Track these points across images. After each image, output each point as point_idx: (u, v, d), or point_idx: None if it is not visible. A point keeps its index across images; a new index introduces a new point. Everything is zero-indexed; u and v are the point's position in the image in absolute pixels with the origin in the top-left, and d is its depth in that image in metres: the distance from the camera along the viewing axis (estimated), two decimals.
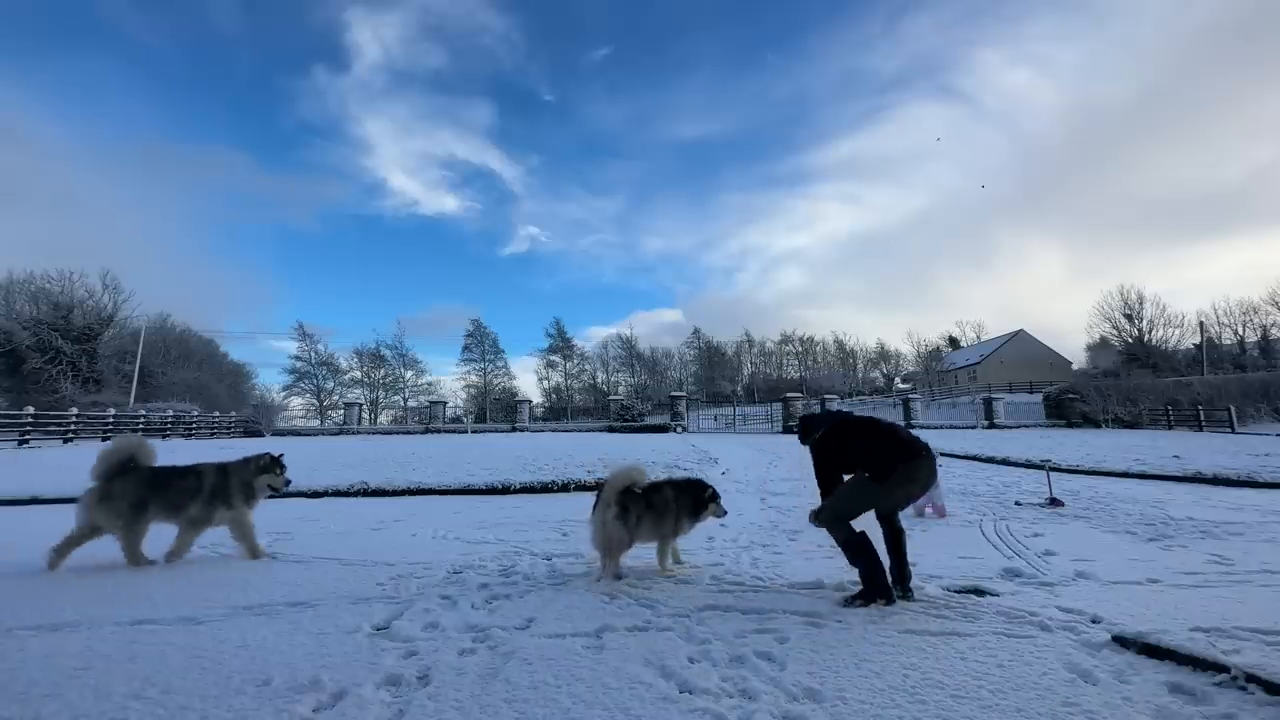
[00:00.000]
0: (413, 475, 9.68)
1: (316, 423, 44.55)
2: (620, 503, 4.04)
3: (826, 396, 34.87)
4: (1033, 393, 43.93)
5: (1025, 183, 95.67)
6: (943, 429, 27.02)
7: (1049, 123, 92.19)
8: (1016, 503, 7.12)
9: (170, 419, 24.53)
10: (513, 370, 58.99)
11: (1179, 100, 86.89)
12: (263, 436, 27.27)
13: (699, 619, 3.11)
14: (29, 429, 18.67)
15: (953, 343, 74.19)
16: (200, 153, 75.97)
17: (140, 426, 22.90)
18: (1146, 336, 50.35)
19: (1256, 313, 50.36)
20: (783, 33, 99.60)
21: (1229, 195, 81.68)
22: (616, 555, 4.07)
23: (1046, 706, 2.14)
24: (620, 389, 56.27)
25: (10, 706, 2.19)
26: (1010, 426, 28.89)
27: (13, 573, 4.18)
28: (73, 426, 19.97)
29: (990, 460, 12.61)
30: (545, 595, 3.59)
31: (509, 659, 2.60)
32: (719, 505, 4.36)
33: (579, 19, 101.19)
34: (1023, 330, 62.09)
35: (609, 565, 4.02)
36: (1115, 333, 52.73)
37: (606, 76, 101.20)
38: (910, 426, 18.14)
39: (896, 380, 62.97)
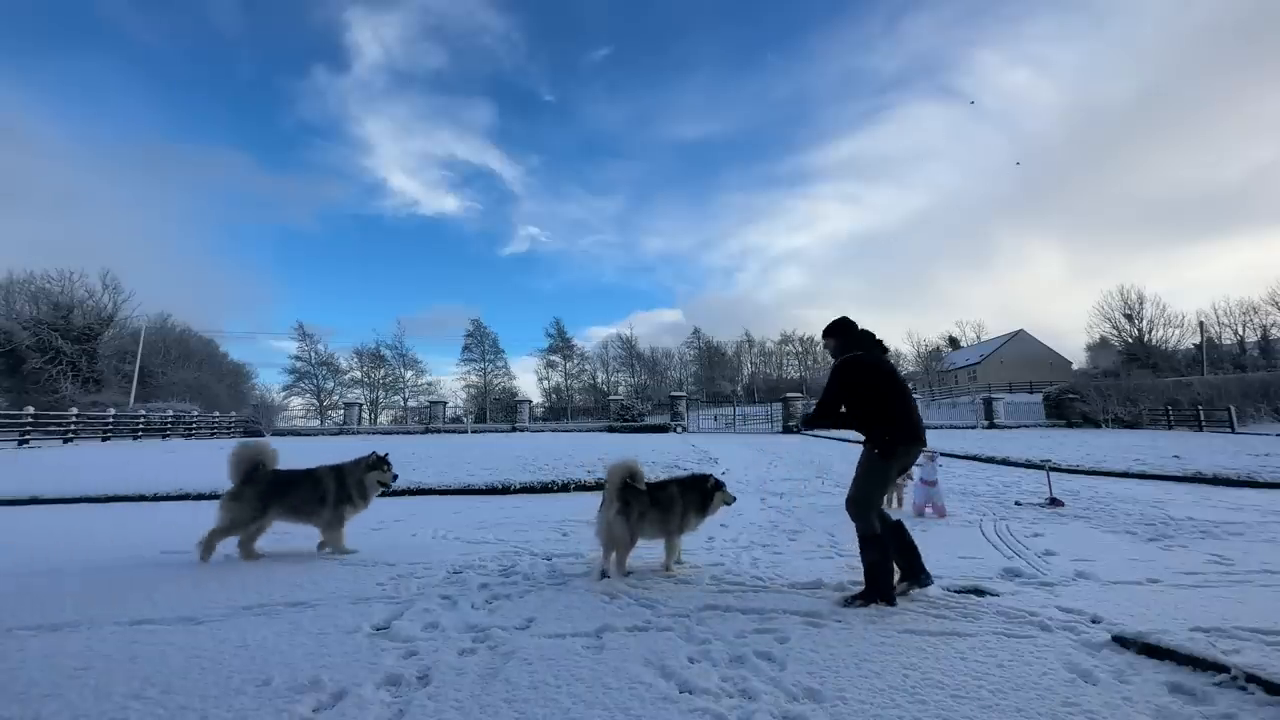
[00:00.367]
0: (413, 475, 9.67)
1: (316, 423, 44.58)
2: (621, 499, 4.07)
3: None
4: (1033, 393, 43.94)
5: (1025, 183, 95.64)
6: (943, 429, 27.01)
7: (1049, 123, 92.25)
8: (1016, 503, 7.12)
9: (170, 419, 24.53)
10: (513, 370, 59.17)
11: (1179, 100, 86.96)
12: (262, 436, 27.28)
13: (699, 619, 3.11)
14: (29, 429, 18.68)
15: (953, 343, 74.20)
16: (200, 153, 76.04)
17: (140, 426, 22.92)
18: (1146, 336, 50.34)
19: (1256, 313, 50.41)
20: (783, 33, 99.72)
21: (1229, 195, 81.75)
22: (620, 552, 4.09)
23: (1046, 706, 2.14)
24: (620, 389, 56.30)
25: (10, 706, 2.19)
26: (1010, 426, 28.89)
27: (13, 572, 4.18)
28: (73, 426, 19.97)
29: (990, 460, 12.61)
30: (545, 595, 3.59)
31: (509, 659, 2.60)
32: (726, 492, 4.35)
33: (579, 19, 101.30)
34: (1023, 330, 62.09)
35: (613, 562, 4.05)
36: (1115, 333, 52.74)
37: (606, 76, 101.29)
38: None
39: None
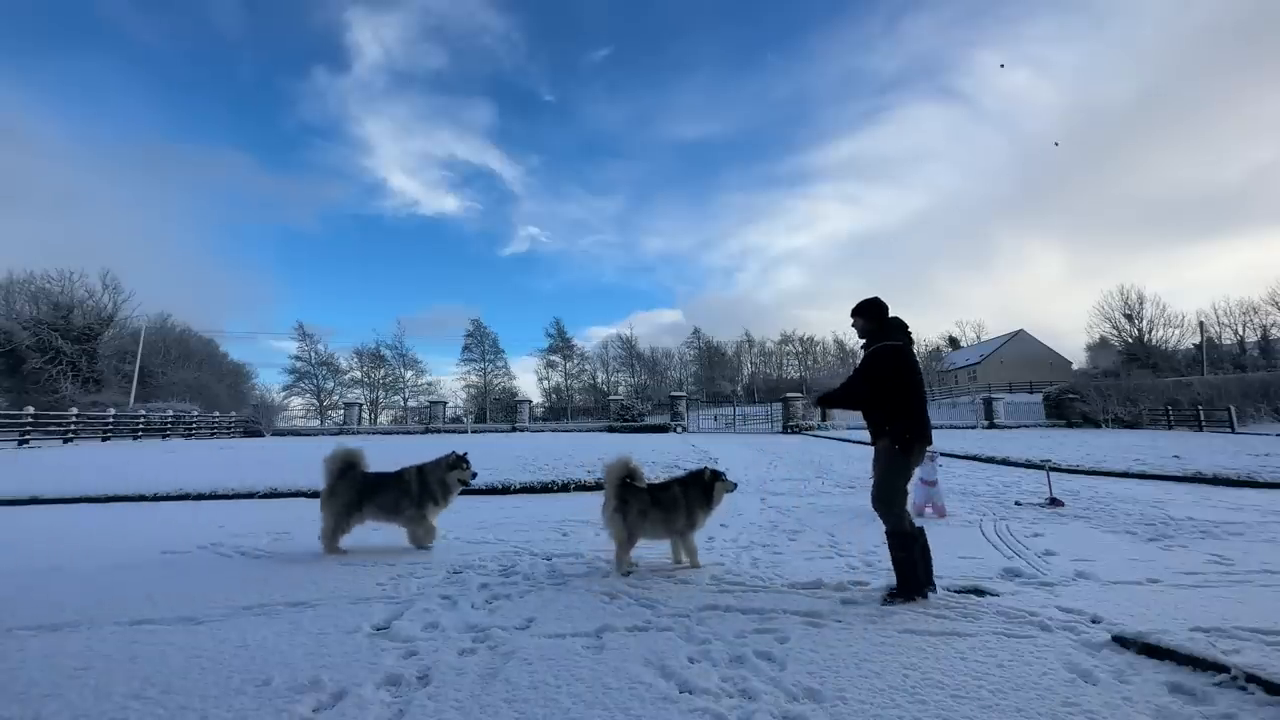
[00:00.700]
0: None
1: (316, 423, 44.55)
2: (619, 496, 4.11)
3: None
4: (1033, 393, 43.94)
5: (1025, 183, 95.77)
6: (943, 429, 27.02)
7: (1049, 123, 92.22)
8: (1016, 503, 7.12)
9: (170, 419, 24.52)
10: (513, 370, 59.13)
11: (1179, 101, 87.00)
12: (262, 436, 27.28)
13: (699, 619, 3.12)
14: (29, 429, 18.67)
15: (953, 343, 74.22)
16: (201, 153, 76.08)
17: (140, 426, 22.92)
18: (1146, 336, 50.32)
19: (1256, 313, 50.41)
20: (783, 33, 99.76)
21: (1229, 196, 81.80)
22: (618, 549, 4.13)
23: (1046, 706, 2.14)
24: (620, 389, 56.27)
25: (10, 706, 2.19)
26: (1010, 426, 28.89)
27: (13, 572, 4.18)
28: (73, 426, 19.96)
29: (990, 460, 12.60)
30: (545, 595, 3.59)
31: (509, 659, 2.60)
32: (725, 481, 4.33)
33: (579, 19, 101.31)
34: (1023, 330, 62.08)
35: (613, 559, 4.13)
36: (1115, 333, 52.73)
37: (606, 77, 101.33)
38: None
39: None
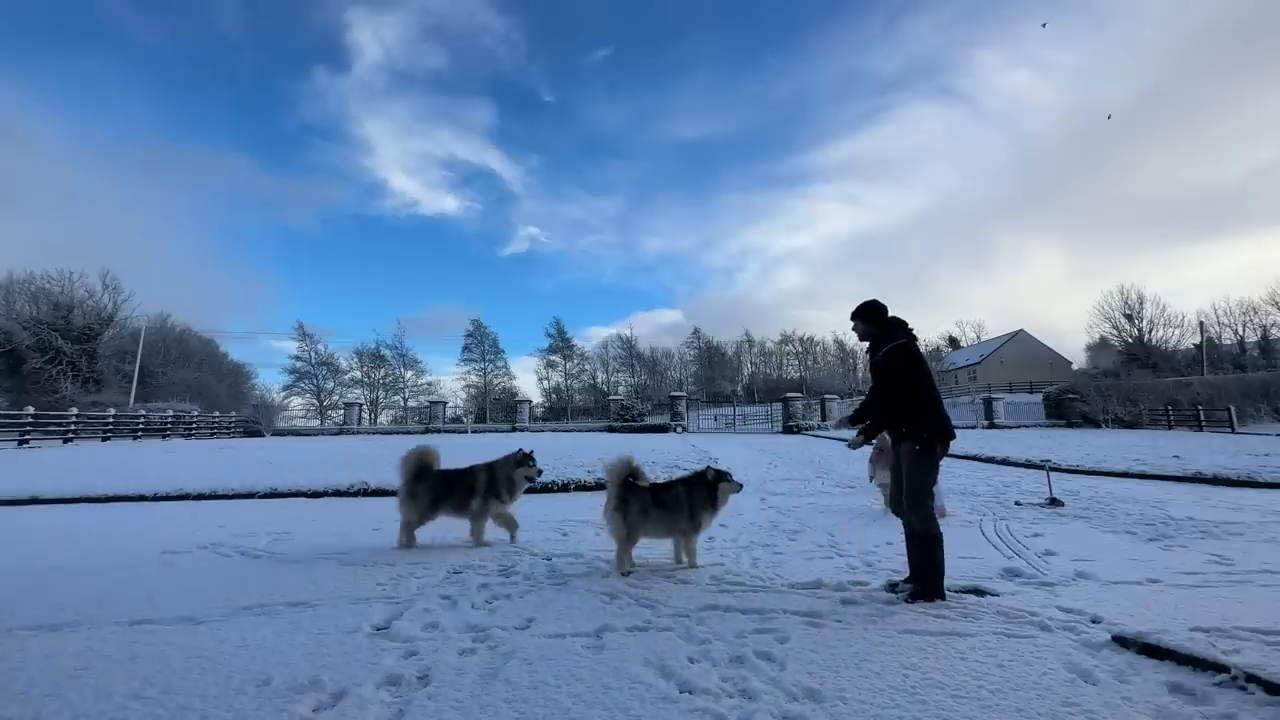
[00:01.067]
0: None
1: (316, 423, 44.56)
2: (620, 495, 4.12)
3: (826, 396, 34.84)
4: (1033, 393, 43.93)
5: (1025, 183, 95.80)
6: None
7: (1048, 123, 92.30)
8: (1016, 503, 7.12)
9: (170, 419, 24.52)
10: (513, 370, 59.03)
11: (1178, 101, 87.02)
12: (262, 436, 27.28)
13: (699, 619, 3.12)
14: (29, 429, 18.66)
15: (953, 343, 74.21)
16: (201, 153, 76.08)
17: (140, 426, 22.92)
18: (1146, 336, 50.31)
19: (1256, 313, 50.37)
20: (782, 33, 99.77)
21: (1229, 196, 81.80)
22: (619, 547, 4.14)
23: (1046, 706, 2.14)
24: (620, 389, 56.24)
25: (10, 706, 2.19)
26: (1010, 426, 28.89)
27: (13, 572, 4.18)
28: (73, 426, 19.96)
29: (990, 460, 12.61)
30: (545, 595, 3.59)
31: (509, 659, 2.60)
32: (731, 482, 4.30)
33: (579, 20, 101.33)
34: (1023, 330, 62.07)
35: (613, 558, 4.16)
36: (1115, 333, 52.70)
37: (606, 77, 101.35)
38: None
39: None
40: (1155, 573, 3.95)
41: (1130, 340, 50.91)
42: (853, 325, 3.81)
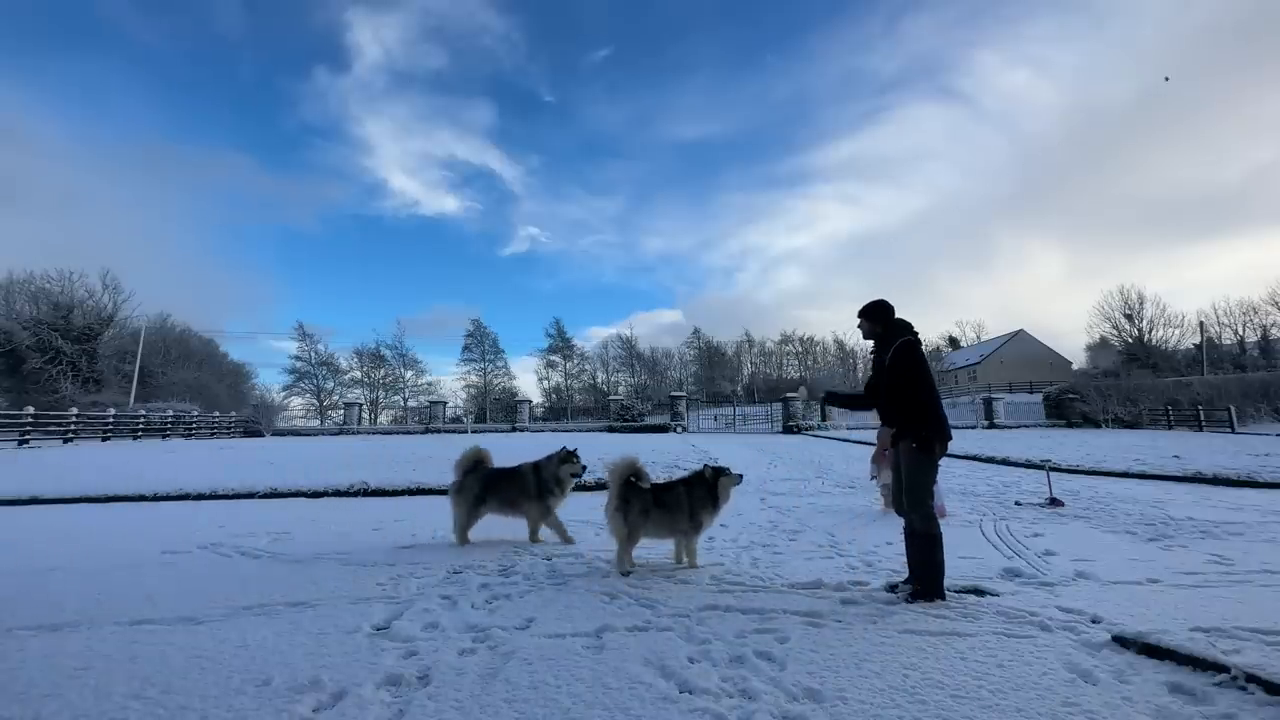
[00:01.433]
0: (413, 475, 9.68)
1: (316, 423, 44.56)
2: (621, 495, 4.12)
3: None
4: (1033, 393, 43.95)
5: (1025, 183, 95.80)
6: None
7: (1049, 123, 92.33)
8: (1016, 503, 7.12)
9: (170, 419, 24.51)
10: (513, 370, 59.06)
11: (1178, 101, 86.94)
12: (262, 436, 27.28)
13: (699, 619, 3.12)
14: (29, 429, 18.66)
15: (953, 343, 74.22)
16: (201, 154, 76.12)
17: (140, 426, 22.92)
18: (1146, 336, 50.30)
19: (1256, 313, 50.37)
20: (782, 33, 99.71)
21: (1228, 196, 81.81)
22: (619, 547, 4.15)
23: (1046, 706, 2.14)
24: (620, 389, 56.23)
25: (10, 706, 2.19)
26: (1010, 426, 28.90)
27: (13, 572, 4.18)
28: (73, 426, 19.95)
29: (990, 460, 12.60)
30: (545, 595, 3.59)
31: (509, 659, 2.60)
32: (729, 475, 4.30)
33: (579, 20, 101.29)
34: (1023, 330, 62.07)
35: (614, 557, 4.17)
36: (1115, 333, 52.69)
37: (607, 77, 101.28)
38: None
39: None
40: (1155, 573, 3.95)
41: (1130, 340, 50.91)
42: (859, 323, 3.83)
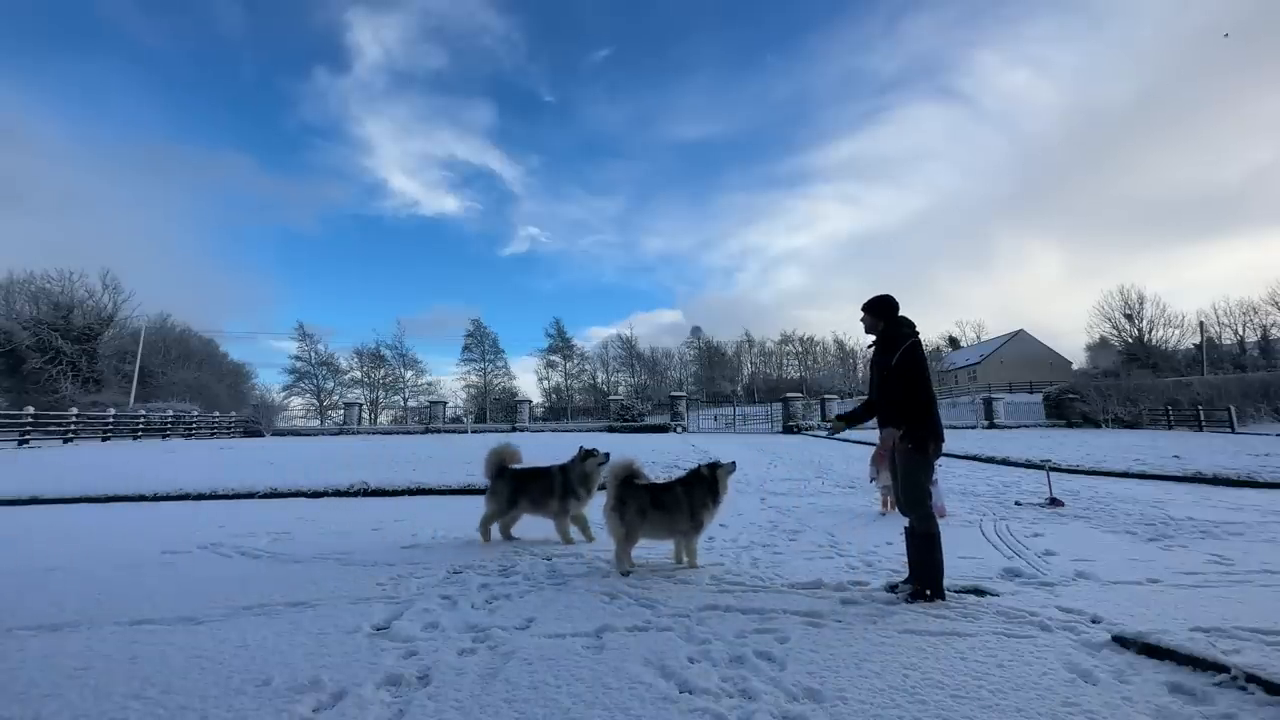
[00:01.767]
0: (413, 475, 9.67)
1: (316, 423, 44.56)
2: (618, 496, 4.12)
3: (826, 396, 34.83)
4: (1033, 393, 43.94)
5: (1025, 183, 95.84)
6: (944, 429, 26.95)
7: (1048, 123, 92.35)
8: (1016, 503, 7.11)
9: (170, 419, 24.51)
10: (513, 370, 59.09)
11: (1177, 101, 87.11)
12: (262, 436, 27.27)
13: (699, 619, 3.11)
14: (29, 429, 18.66)
15: (953, 343, 74.22)
16: (202, 154, 76.23)
17: (140, 426, 22.91)
18: (1146, 336, 50.30)
19: (1256, 313, 50.40)
20: (783, 34, 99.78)
21: (1228, 196, 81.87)
22: (617, 547, 4.15)
23: (1046, 706, 2.14)
24: (620, 389, 56.23)
25: (10, 706, 2.19)
26: (1010, 426, 28.89)
27: (13, 572, 4.18)
28: (73, 426, 19.95)
29: (990, 460, 12.60)
30: (545, 595, 3.59)
31: (509, 659, 2.60)
32: (723, 467, 4.28)
33: (579, 20, 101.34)
34: (1023, 330, 62.07)
35: (613, 557, 4.18)
36: (1115, 333, 52.69)
37: (607, 77, 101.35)
38: None
39: None
40: (1155, 573, 3.95)
41: (1130, 340, 50.91)
42: (862, 318, 3.81)
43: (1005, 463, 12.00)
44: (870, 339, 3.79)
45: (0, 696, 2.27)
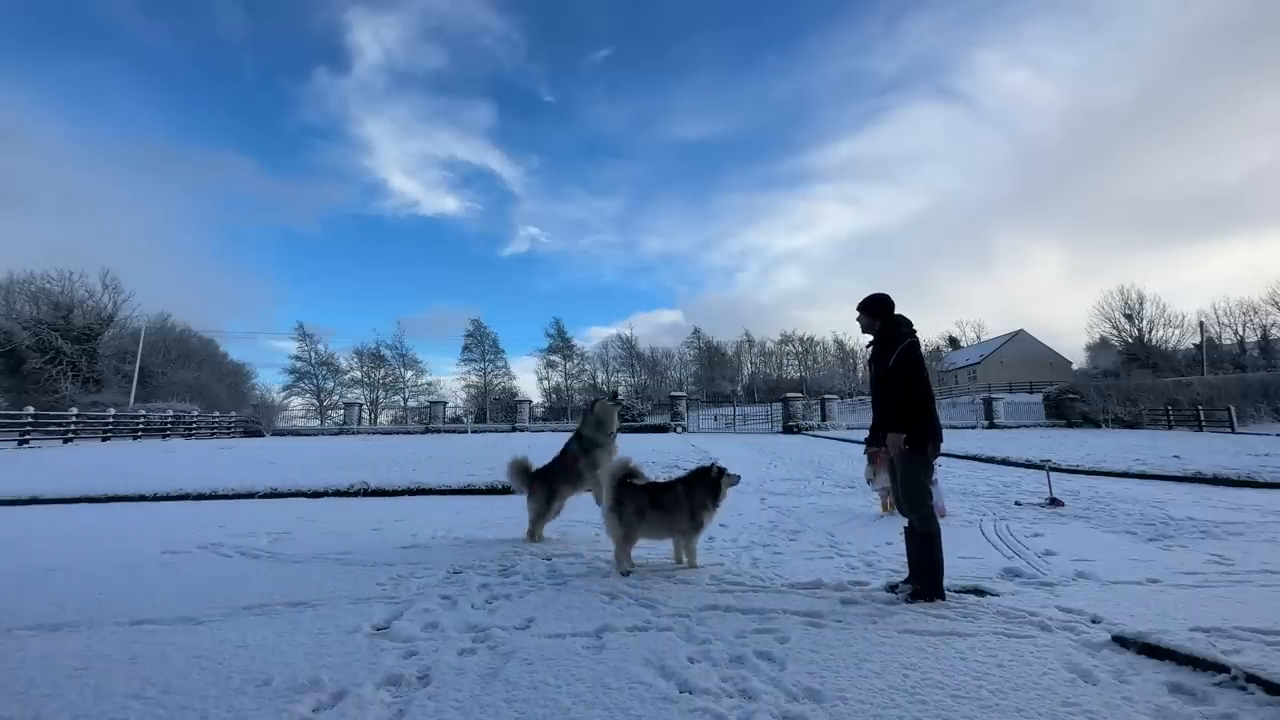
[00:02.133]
0: (413, 475, 9.68)
1: (316, 423, 44.56)
2: (616, 497, 4.11)
3: (826, 396, 34.82)
4: (1033, 393, 43.94)
5: (1025, 183, 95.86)
6: (943, 429, 26.94)
7: (1048, 124, 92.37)
8: (1016, 503, 7.11)
9: (170, 419, 24.52)
10: (513, 370, 59.06)
11: (1177, 102, 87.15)
12: (262, 436, 27.27)
13: (699, 619, 3.11)
14: (29, 429, 18.67)
15: (953, 343, 74.22)
16: (202, 155, 76.30)
17: (140, 426, 22.91)
18: (1146, 336, 50.29)
19: (1256, 313, 50.44)
20: (783, 34, 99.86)
21: (1227, 196, 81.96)
22: (616, 548, 4.14)
23: (1046, 706, 2.14)
24: (620, 389, 56.21)
25: (10, 706, 2.19)
26: (1010, 426, 28.89)
27: (13, 572, 4.18)
28: (73, 426, 19.96)
29: (990, 460, 12.60)
30: (545, 595, 3.59)
31: (509, 659, 2.60)
32: (729, 475, 4.28)
33: (579, 20, 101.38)
34: (1023, 330, 62.06)
35: (612, 557, 4.18)
36: (1115, 333, 52.69)
37: (607, 77, 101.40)
38: None
39: None
40: (1155, 573, 3.95)
41: (1130, 340, 50.91)
42: (858, 317, 3.79)
43: (1005, 463, 12.00)
44: (869, 338, 3.78)
45: (0, 696, 2.27)
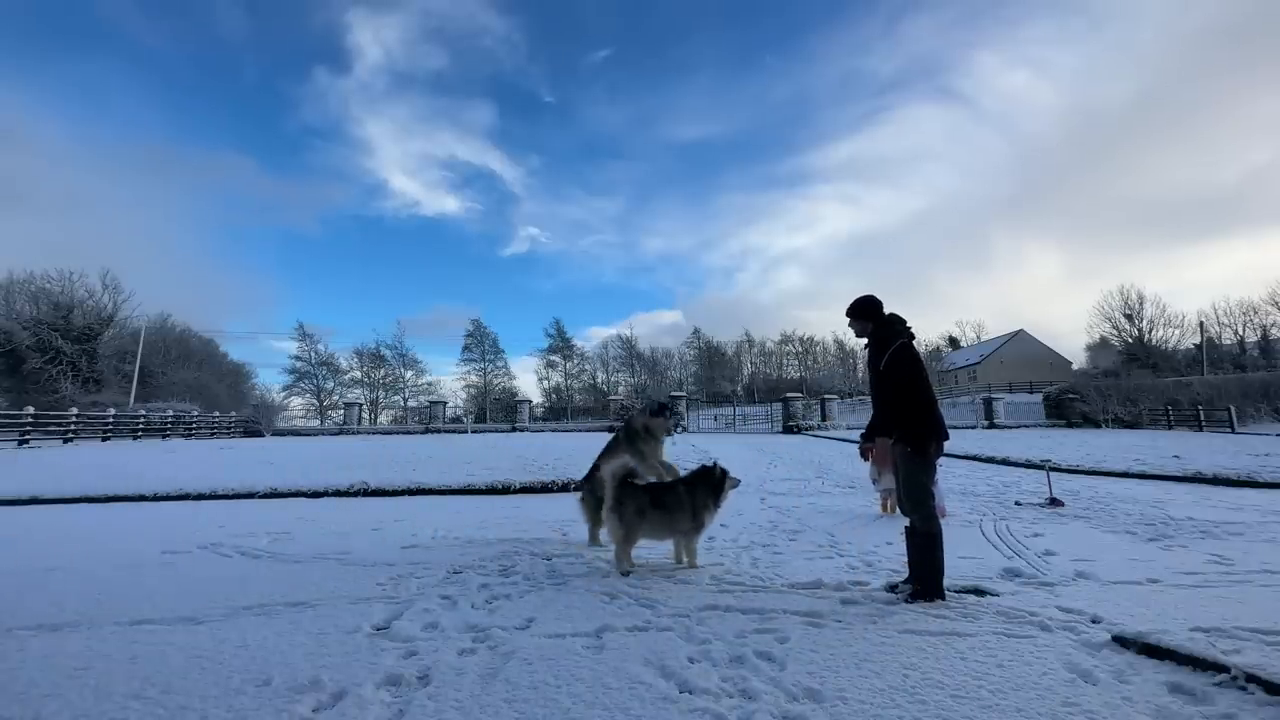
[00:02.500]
0: (413, 475, 9.68)
1: (316, 423, 44.55)
2: (616, 496, 4.11)
3: (826, 396, 34.81)
4: (1033, 393, 43.93)
5: (1024, 184, 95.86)
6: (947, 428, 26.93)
7: (1047, 124, 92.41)
8: (1016, 503, 7.12)
9: (170, 419, 24.50)
10: (513, 370, 59.05)
11: (1176, 103, 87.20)
12: (262, 436, 27.27)
13: (699, 619, 3.11)
14: (29, 429, 18.66)
15: (953, 343, 74.21)
16: (203, 155, 76.36)
17: (140, 426, 22.91)
18: (1146, 336, 50.30)
19: (1256, 313, 50.43)
20: (782, 35, 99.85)
21: (1226, 197, 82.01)
22: (616, 548, 4.14)
23: (1046, 706, 2.14)
24: (620, 389, 56.16)
25: (10, 706, 2.19)
26: (1010, 426, 28.88)
27: (13, 572, 4.18)
28: (73, 426, 19.95)
29: (990, 460, 12.59)
30: (545, 595, 3.59)
31: (509, 659, 2.60)
32: (731, 479, 4.29)
33: (580, 21, 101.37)
34: (1023, 330, 62.07)
35: (612, 557, 4.18)
36: (1115, 333, 52.70)
37: (607, 78, 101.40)
38: None
39: None
40: (1155, 573, 3.95)
41: (1130, 340, 50.91)
42: (849, 323, 3.75)
43: (1005, 463, 12.00)
44: (865, 341, 3.75)
45: (0, 696, 2.27)
